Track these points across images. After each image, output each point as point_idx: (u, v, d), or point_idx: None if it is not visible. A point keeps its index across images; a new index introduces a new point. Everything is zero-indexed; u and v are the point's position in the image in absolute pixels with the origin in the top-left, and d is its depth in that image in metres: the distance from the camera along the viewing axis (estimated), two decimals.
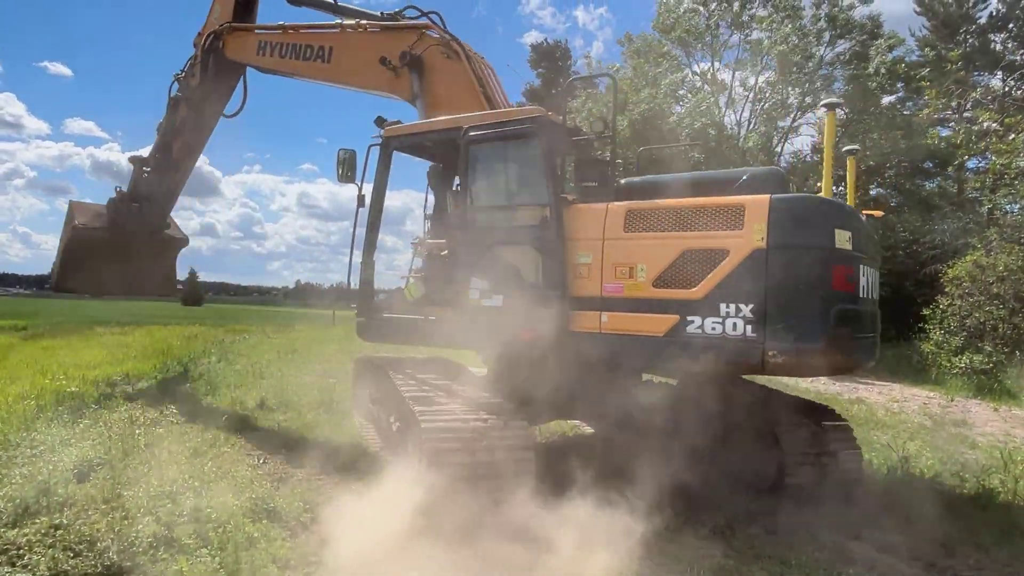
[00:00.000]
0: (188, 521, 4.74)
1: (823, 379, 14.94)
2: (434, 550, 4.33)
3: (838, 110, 22.05)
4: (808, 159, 23.30)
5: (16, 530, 4.54)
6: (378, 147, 6.91)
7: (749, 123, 23.87)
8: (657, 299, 5.10)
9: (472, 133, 6.17)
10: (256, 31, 9.01)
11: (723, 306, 4.83)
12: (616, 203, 5.48)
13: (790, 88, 22.46)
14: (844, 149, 6.45)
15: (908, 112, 22.90)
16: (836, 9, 22.09)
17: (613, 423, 6.03)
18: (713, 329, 4.86)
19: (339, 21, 8.34)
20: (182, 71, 9.47)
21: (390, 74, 7.54)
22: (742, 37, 24.12)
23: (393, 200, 7.27)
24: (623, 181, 6.00)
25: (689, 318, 4.95)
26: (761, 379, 6.36)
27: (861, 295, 5.04)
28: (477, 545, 4.45)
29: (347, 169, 6.91)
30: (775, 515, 5.40)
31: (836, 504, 5.48)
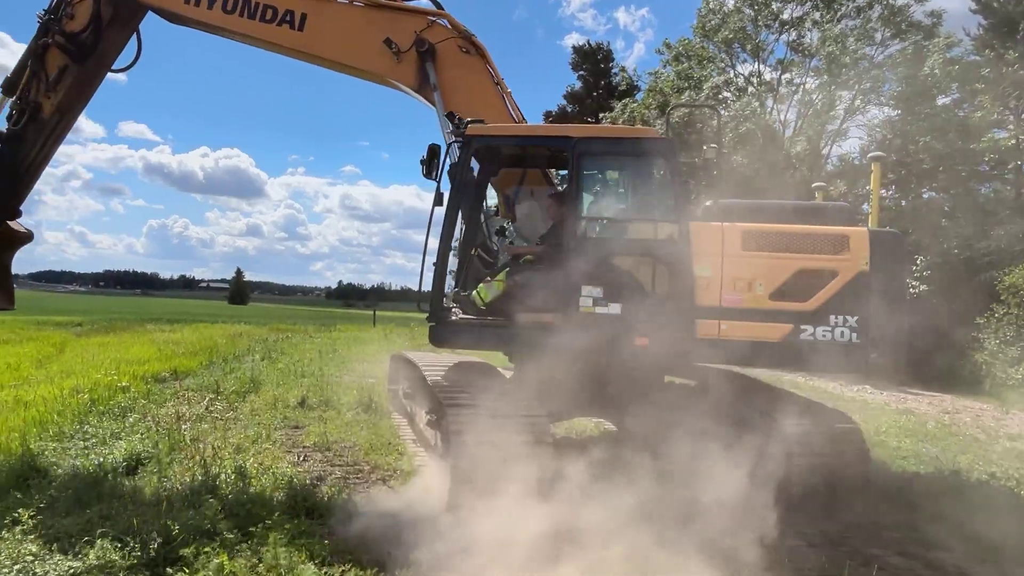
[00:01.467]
0: (230, 516, 4.87)
1: (869, 388, 14.57)
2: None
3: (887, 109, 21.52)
4: (857, 161, 22.70)
5: (69, 519, 4.73)
6: (457, 145, 6.42)
7: (796, 124, 23.40)
8: (773, 310, 5.84)
9: (586, 145, 6.21)
10: None
11: (832, 317, 5.77)
12: (729, 223, 6.00)
13: (840, 91, 21.92)
14: (870, 155, 6.76)
15: (963, 113, 22.08)
16: (888, 12, 21.45)
17: (644, 423, 6.05)
18: (824, 336, 5.76)
19: None
20: (47, 10, 7.09)
21: (391, 58, 6.95)
22: (789, 40, 23.68)
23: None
24: (708, 203, 6.47)
25: (802, 327, 5.80)
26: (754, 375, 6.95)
27: None
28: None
29: (431, 165, 6.42)
30: (816, 527, 5.28)
31: (879, 517, 5.34)
